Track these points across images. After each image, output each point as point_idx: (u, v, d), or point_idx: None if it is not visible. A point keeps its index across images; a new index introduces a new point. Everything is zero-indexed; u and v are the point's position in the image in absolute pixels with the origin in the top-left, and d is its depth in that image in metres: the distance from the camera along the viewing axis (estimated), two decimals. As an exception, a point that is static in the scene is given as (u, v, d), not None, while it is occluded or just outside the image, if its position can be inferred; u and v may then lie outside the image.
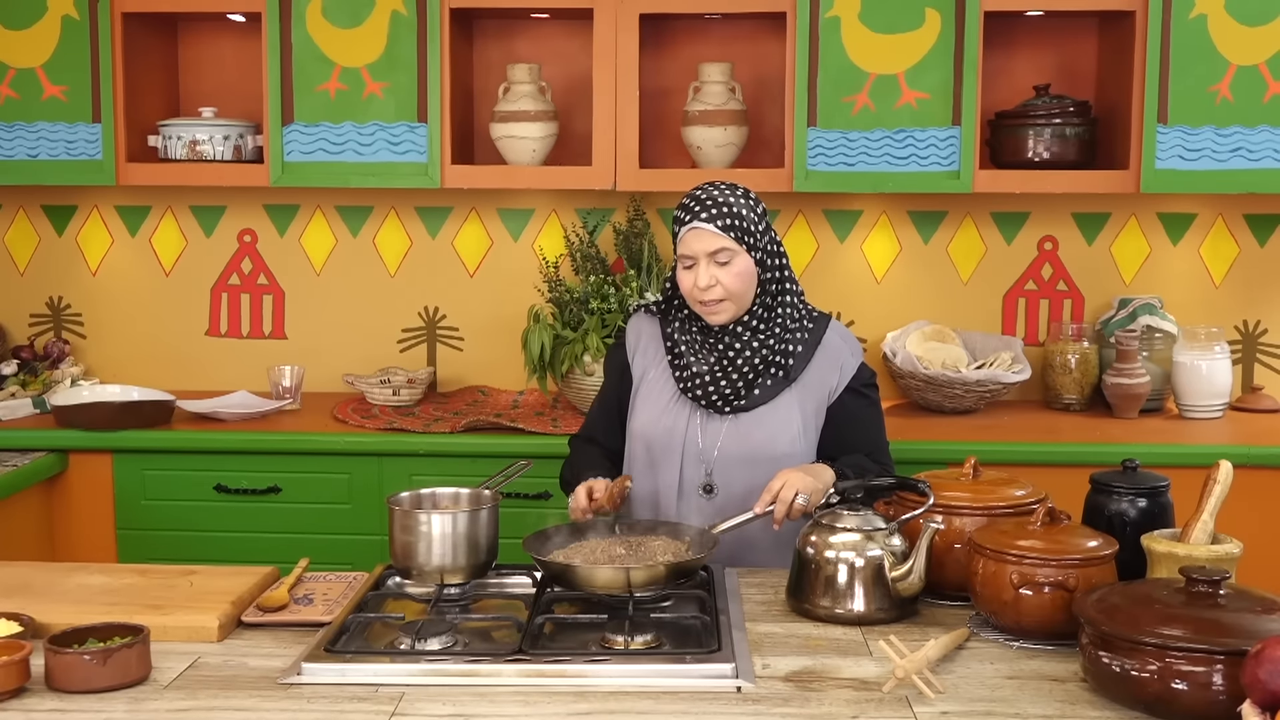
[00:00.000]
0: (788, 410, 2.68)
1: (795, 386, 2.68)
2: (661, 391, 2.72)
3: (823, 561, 2.24)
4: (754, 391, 2.66)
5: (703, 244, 2.59)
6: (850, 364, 2.72)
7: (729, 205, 2.61)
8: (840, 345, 2.73)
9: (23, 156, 3.76)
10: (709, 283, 2.59)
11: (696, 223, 2.60)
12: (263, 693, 1.94)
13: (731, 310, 2.63)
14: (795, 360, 2.68)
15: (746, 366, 2.64)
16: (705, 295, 2.60)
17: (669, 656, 2.03)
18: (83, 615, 2.12)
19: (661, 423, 2.70)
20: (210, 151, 3.77)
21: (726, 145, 3.74)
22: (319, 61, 3.68)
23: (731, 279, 2.60)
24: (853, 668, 2.03)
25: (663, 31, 3.91)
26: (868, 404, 2.75)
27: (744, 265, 2.61)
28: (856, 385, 2.72)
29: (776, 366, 2.67)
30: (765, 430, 2.66)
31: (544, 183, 3.80)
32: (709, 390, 2.65)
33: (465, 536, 2.26)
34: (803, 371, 2.69)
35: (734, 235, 2.59)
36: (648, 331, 2.79)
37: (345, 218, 4.08)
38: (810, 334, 2.70)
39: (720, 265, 2.59)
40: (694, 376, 2.66)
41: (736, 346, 2.65)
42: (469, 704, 1.90)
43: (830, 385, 2.70)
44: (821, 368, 2.69)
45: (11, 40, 3.72)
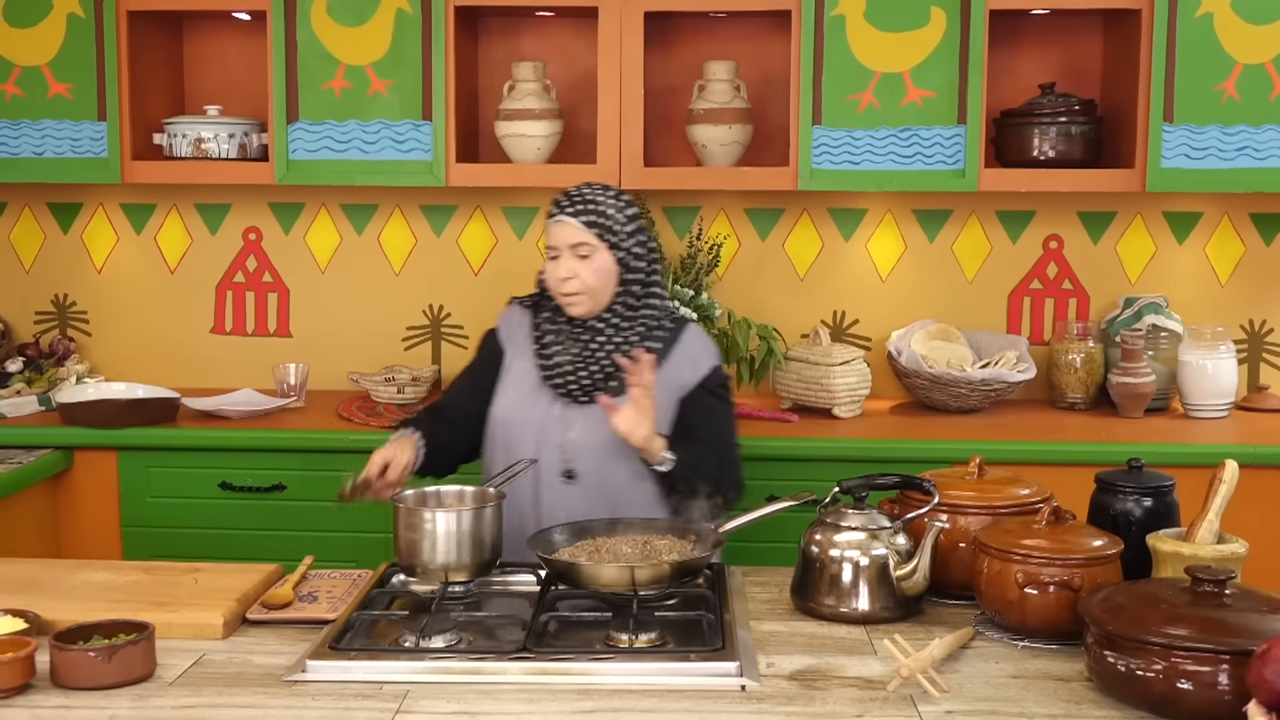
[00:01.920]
0: None
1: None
2: (524, 380, 2.77)
3: (827, 560, 2.24)
4: (611, 384, 2.70)
5: (565, 237, 2.69)
6: (705, 365, 2.77)
7: (595, 204, 2.70)
8: (697, 347, 2.80)
9: (28, 154, 3.76)
10: (567, 274, 2.67)
11: (562, 216, 2.70)
12: (267, 690, 1.94)
13: (588, 304, 2.70)
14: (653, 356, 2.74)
15: (607, 360, 2.70)
16: (563, 287, 2.69)
17: (673, 655, 2.03)
18: (88, 612, 2.13)
19: (521, 409, 2.74)
20: (215, 149, 3.77)
21: (731, 144, 3.74)
22: (324, 59, 3.68)
23: (590, 273, 2.67)
24: (857, 667, 2.03)
25: (667, 29, 3.90)
26: (718, 402, 2.78)
27: (604, 262, 2.68)
28: (709, 385, 2.77)
29: None
30: None
31: (548, 181, 3.80)
32: (568, 380, 2.70)
33: (470, 534, 2.26)
34: (660, 368, 2.72)
35: (596, 232, 2.68)
36: (517, 321, 2.85)
37: (350, 216, 4.08)
38: (670, 334, 2.77)
39: (581, 259, 2.67)
40: (555, 366, 2.72)
41: (599, 340, 2.71)
42: (473, 702, 1.90)
43: (684, 381, 2.74)
44: (677, 365, 2.74)
45: (17, 38, 3.72)
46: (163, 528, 3.54)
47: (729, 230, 4.01)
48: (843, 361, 3.71)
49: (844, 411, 3.70)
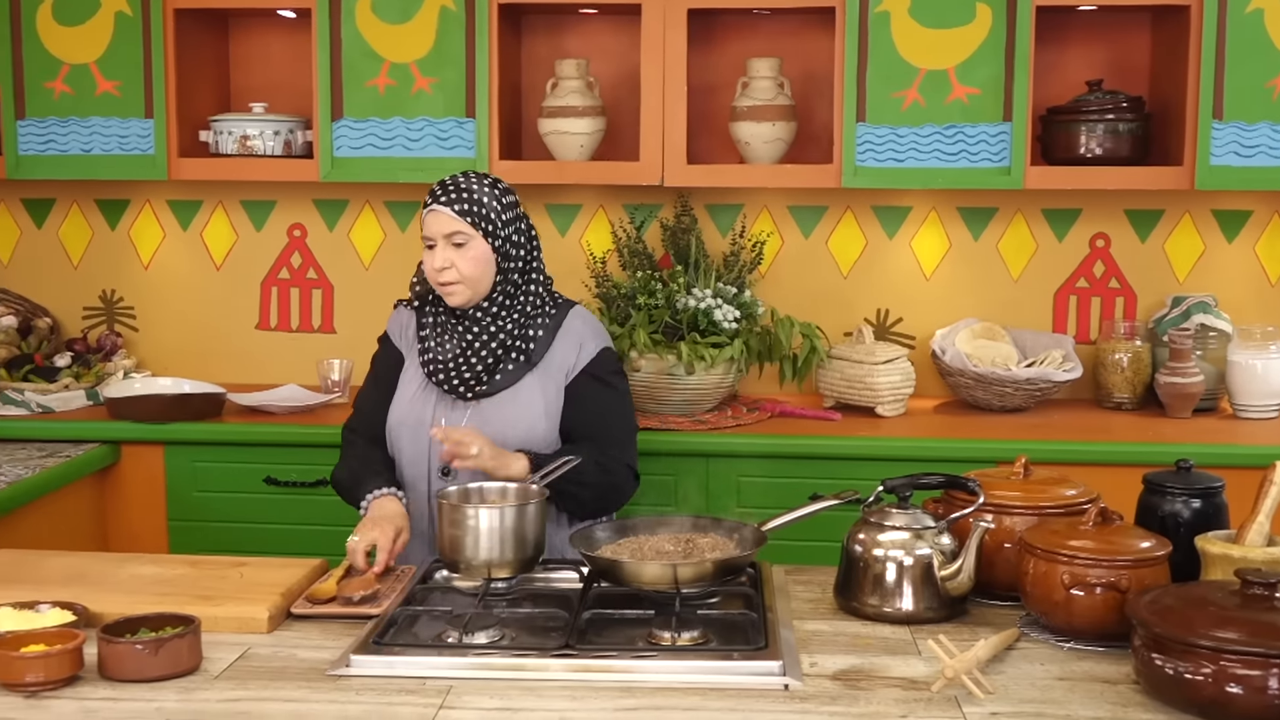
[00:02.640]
0: (529, 393, 2.74)
1: (537, 370, 2.75)
2: (412, 380, 2.79)
3: (871, 560, 2.23)
4: (495, 376, 2.72)
5: (440, 226, 2.68)
6: (590, 347, 2.78)
7: (470, 192, 2.70)
8: (581, 328, 2.80)
9: (76, 151, 3.80)
10: (443, 264, 2.67)
11: (436, 206, 2.69)
12: (312, 684, 1.95)
13: (466, 294, 2.69)
14: (536, 344, 2.76)
15: (485, 351, 2.71)
16: (440, 276, 2.68)
17: (716, 653, 2.03)
18: (135, 605, 2.14)
19: (411, 412, 2.76)
20: (261, 147, 3.79)
21: (774, 141, 3.73)
22: (368, 57, 3.69)
23: (466, 263, 2.67)
24: (901, 667, 2.02)
25: (711, 27, 3.90)
26: (603, 388, 2.77)
27: (480, 251, 2.68)
28: (596, 370, 2.77)
29: (517, 350, 2.74)
30: (506, 414, 2.72)
31: (591, 178, 3.80)
32: (450, 376, 2.71)
33: (513, 531, 2.27)
34: (544, 355, 2.75)
35: (470, 220, 2.67)
36: (404, 323, 2.87)
37: (394, 212, 4.10)
38: (552, 319, 2.77)
39: (456, 248, 2.67)
40: (435, 362, 2.73)
41: (475, 331, 2.72)
42: (516, 698, 1.90)
43: (568, 365, 2.76)
44: (561, 350, 2.76)
45: (66, 36, 3.76)
46: (208, 522, 3.57)
47: (772, 228, 4.00)
48: (886, 360, 3.69)
49: (887, 410, 3.69)
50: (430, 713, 1.84)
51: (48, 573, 2.37)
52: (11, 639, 1.95)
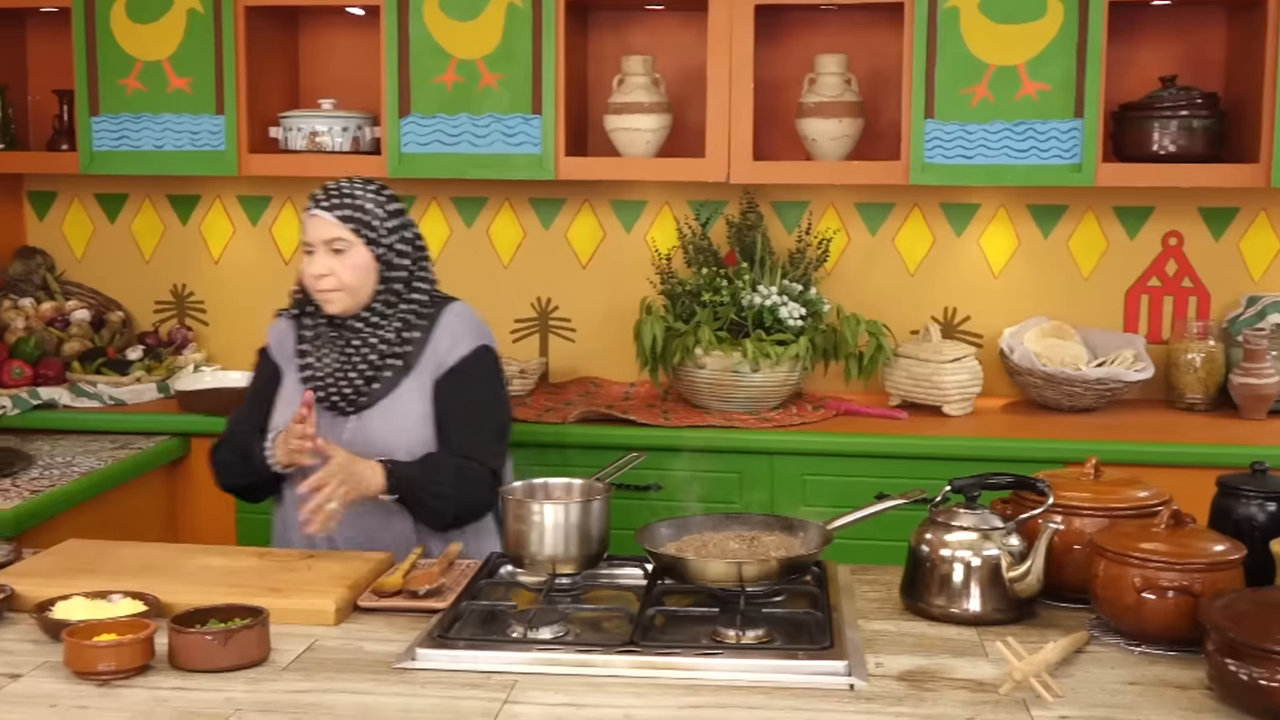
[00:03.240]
0: (409, 400, 2.67)
1: (414, 374, 2.68)
2: (292, 398, 2.71)
3: (938, 560, 2.21)
4: (374, 385, 2.66)
5: (319, 232, 2.62)
6: (464, 346, 2.70)
7: (352, 198, 2.63)
8: (456, 325, 2.72)
9: (149, 147, 3.85)
10: (322, 270, 2.61)
11: (317, 210, 2.63)
12: (378, 677, 1.96)
13: (345, 301, 2.63)
14: (413, 346, 2.68)
15: (364, 363, 2.65)
16: (318, 284, 2.62)
17: (781, 652, 2.02)
18: (205, 596, 2.17)
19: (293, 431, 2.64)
20: (329, 143, 3.82)
21: (841, 137, 3.71)
22: (436, 54, 3.71)
23: (346, 270, 2.61)
24: (968, 668, 2.00)
25: (778, 23, 3.88)
26: (470, 387, 2.69)
27: (361, 258, 2.62)
28: (466, 368, 2.68)
29: (395, 356, 2.68)
30: (388, 423, 2.66)
31: (657, 174, 3.80)
32: (330, 391, 2.65)
33: (577, 527, 2.27)
34: (419, 357, 2.68)
35: (351, 226, 2.61)
36: (282, 335, 2.79)
37: (460, 208, 4.12)
38: (430, 319, 2.70)
39: (336, 254, 2.61)
40: (315, 377, 2.67)
41: (355, 343, 2.66)
42: (580, 694, 1.90)
43: (439, 364, 2.69)
44: (434, 348, 2.69)
45: (139, 33, 3.81)
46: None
47: (838, 225, 3.97)
48: (954, 359, 3.66)
49: (954, 409, 3.66)
50: (495, 707, 1.85)
51: (119, 563, 2.40)
52: (84, 628, 1.98)
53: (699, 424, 3.53)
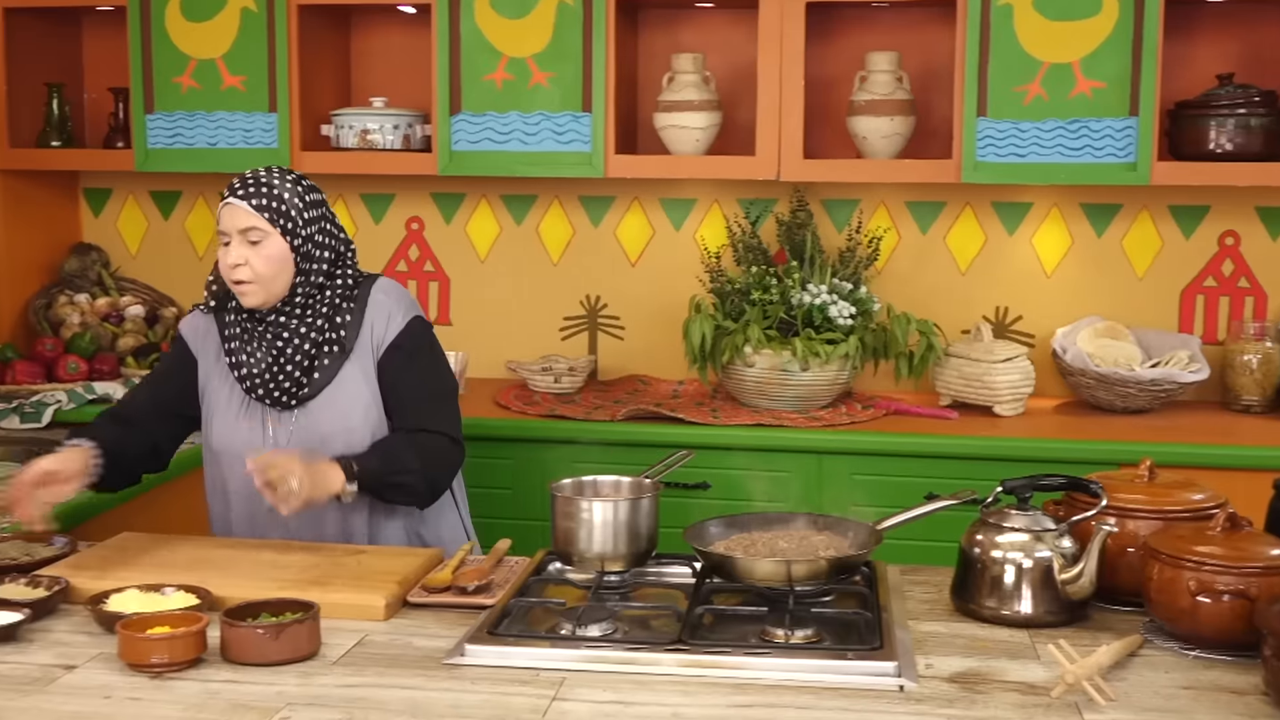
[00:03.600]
0: (352, 384, 2.62)
1: (353, 357, 2.62)
2: (229, 400, 2.64)
3: (989, 561, 2.19)
4: (314, 375, 2.59)
5: (234, 221, 2.53)
6: (398, 319, 2.64)
7: (269, 187, 2.55)
8: (384, 301, 2.65)
9: (203, 145, 3.88)
10: (237, 261, 2.52)
11: (232, 199, 2.54)
12: (427, 672, 1.97)
13: (260, 294, 2.54)
14: (347, 330, 2.62)
15: (298, 354, 2.58)
16: (233, 274, 2.53)
17: (830, 652, 2.01)
18: (256, 591, 2.18)
19: (236, 435, 2.62)
20: (380, 140, 3.84)
21: (892, 135, 3.69)
22: (486, 52, 3.72)
23: (260, 261, 2.52)
24: (1019, 671, 1.98)
25: (829, 20, 3.86)
26: (412, 360, 2.64)
27: (276, 249, 2.53)
28: (404, 341, 2.63)
29: (329, 343, 2.61)
30: (335, 411, 2.60)
31: (707, 172, 3.79)
32: (269, 386, 2.58)
33: (626, 524, 2.27)
34: (355, 340, 2.62)
35: (267, 216, 2.52)
36: (203, 331, 2.69)
37: (509, 206, 4.13)
38: (356, 300, 2.63)
39: (251, 245, 2.52)
40: (250, 376, 2.59)
41: (285, 335, 2.58)
42: (629, 692, 1.90)
43: (376, 342, 2.63)
44: (370, 328, 2.63)
45: (193, 32, 3.84)
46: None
47: (889, 223, 3.95)
48: (1005, 358, 3.63)
49: (1006, 410, 3.63)
50: (544, 704, 1.85)
51: (172, 557, 2.42)
52: (138, 620, 2.00)
53: (748, 422, 3.52)
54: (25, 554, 2.44)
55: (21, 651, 2.04)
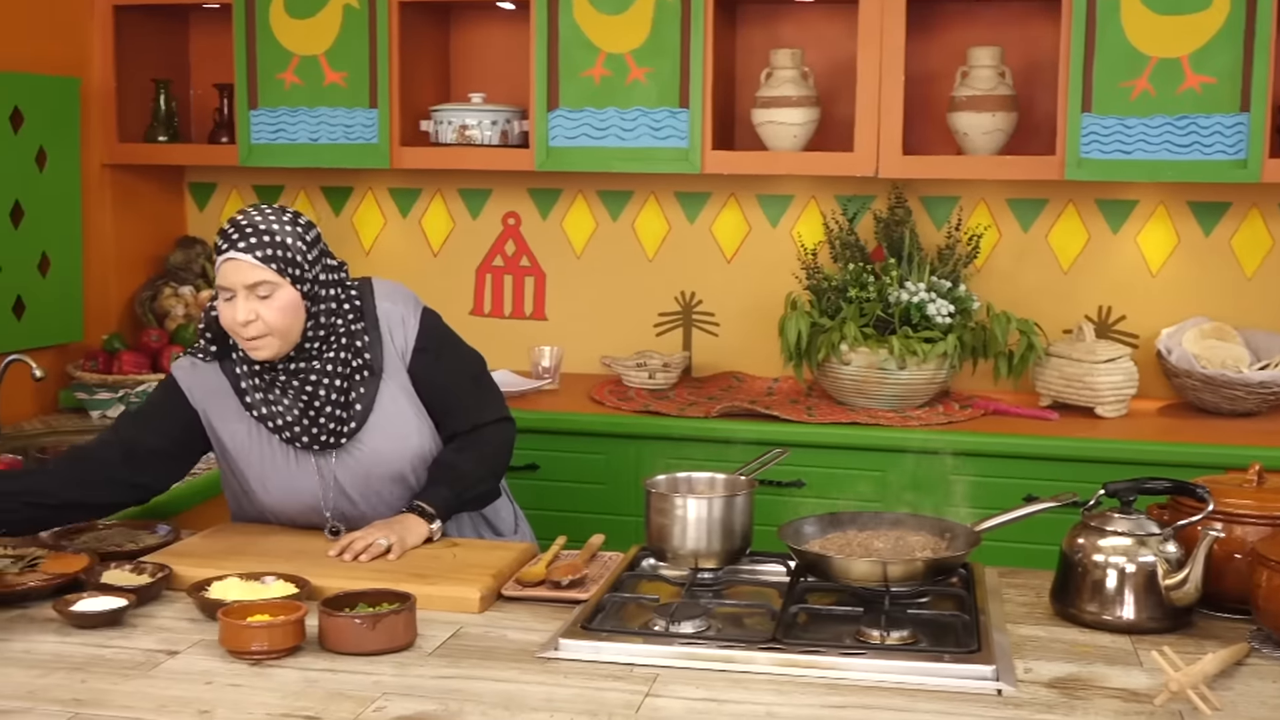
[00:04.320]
0: (394, 403, 2.54)
1: (385, 376, 2.54)
2: (271, 453, 2.51)
3: (1090, 565, 2.15)
4: (355, 408, 2.49)
5: (241, 276, 2.36)
6: (411, 322, 2.57)
7: (271, 234, 2.38)
8: (391, 308, 2.56)
9: (305, 140, 3.93)
10: (249, 317, 2.36)
11: (234, 253, 2.36)
12: (521, 665, 1.97)
13: (275, 345, 2.41)
14: (370, 352, 2.52)
15: (331, 392, 2.47)
16: (245, 331, 2.38)
17: (926, 654, 1.98)
18: (354, 581, 2.21)
19: (295, 487, 2.52)
20: (479, 136, 3.86)
21: (994, 132, 3.63)
22: (584, 48, 3.73)
23: (274, 314, 2.37)
24: (1121, 677, 1.94)
25: (930, 15, 3.81)
26: (438, 358, 2.58)
27: (288, 299, 2.38)
28: (425, 342, 2.57)
29: (358, 370, 2.51)
30: (385, 434, 2.53)
31: (804, 169, 3.77)
32: (313, 432, 2.47)
33: (720, 522, 2.26)
34: (382, 358, 2.53)
35: (276, 267, 2.36)
36: (207, 383, 2.52)
37: (606, 202, 4.13)
38: (365, 317, 2.52)
39: (261, 299, 2.37)
40: (286, 427, 2.48)
41: (312, 379, 2.46)
42: (722, 690, 1.89)
43: (401, 352, 2.55)
44: (390, 342, 2.54)
45: (296, 28, 3.90)
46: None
47: (989, 221, 3.90)
48: (1108, 359, 3.57)
49: (1108, 411, 3.56)
50: (637, 699, 1.85)
51: (272, 546, 2.46)
52: (239, 608, 2.03)
53: (843, 421, 3.49)
54: (130, 541, 2.49)
55: (126, 636, 2.08)
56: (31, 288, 3.68)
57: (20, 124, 3.61)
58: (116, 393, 3.74)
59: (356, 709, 1.81)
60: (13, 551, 2.35)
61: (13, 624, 2.13)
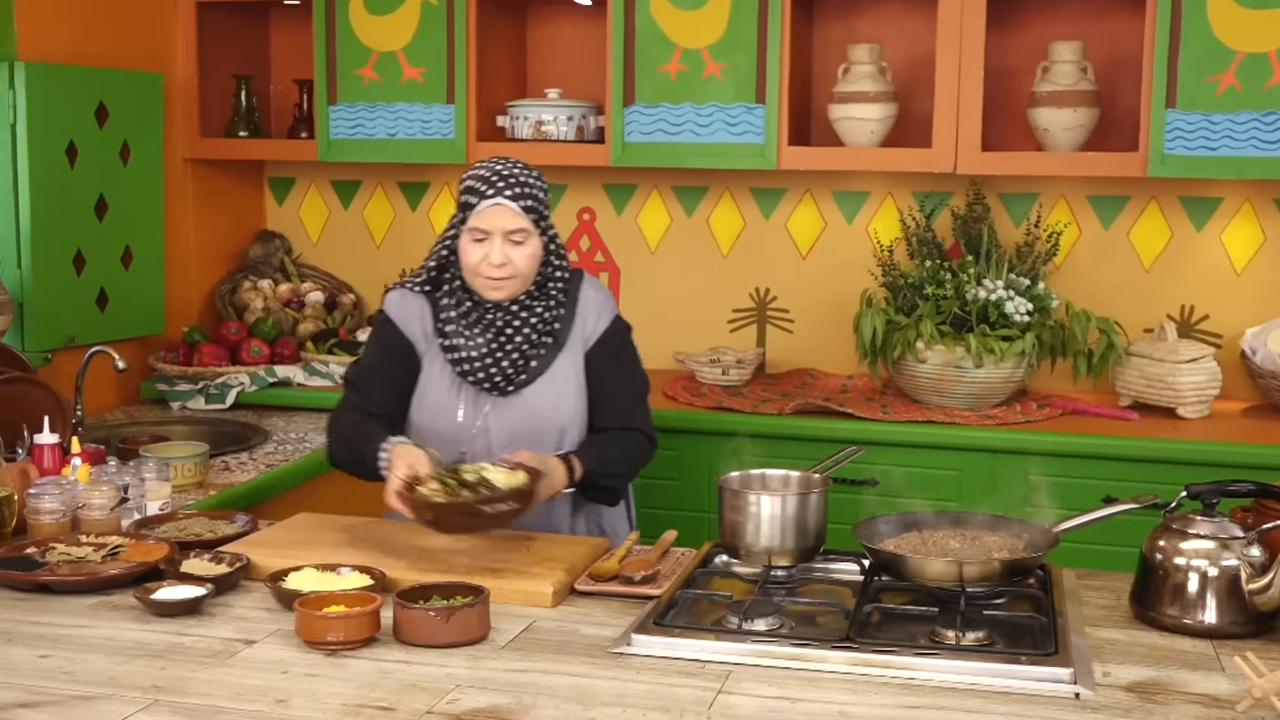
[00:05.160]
0: (564, 377, 2.67)
1: (565, 350, 2.68)
2: (439, 382, 2.67)
3: (1171, 568, 2.12)
4: (531, 364, 2.64)
5: (502, 221, 2.55)
6: (606, 317, 2.71)
7: (527, 186, 2.57)
8: (594, 297, 2.72)
9: (383, 136, 3.97)
10: (503, 259, 2.54)
11: (500, 199, 2.55)
12: (594, 660, 1.97)
13: (512, 288, 2.59)
14: (561, 323, 2.68)
15: (525, 342, 2.62)
16: (497, 272, 2.55)
17: (1002, 656, 1.96)
18: (428, 574, 2.23)
19: (446, 416, 2.64)
20: (554, 131, 3.87)
21: (1075, 128, 3.58)
22: (660, 43, 3.72)
23: (524, 260, 2.56)
24: (1202, 683, 1.91)
25: (1011, 9, 3.77)
26: (615, 357, 2.71)
27: (535, 247, 2.58)
28: (610, 339, 2.70)
29: (548, 334, 2.66)
30: (546, 400, 2.65)
31: (881, 165, 3.74)
32: (490, 371, 2.62)
33: (794, 519, 2.25)
34: (569, 333, 2.68)
35: (533, 218, 2.56)
36: (414, 312, 2.69)
37: (680, 198, 4.13)
38: (567, 294, 2.68)
39: (514, 244, 2.55)
40: (469, 360, 2.62)
41: (515, 324, 2.62)
42: (795, 688, 1.88)
43: (587, 335, 2.69)
44: (581, 323, 2.69)
45: (375, 25, 3.93)
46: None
47: (1069, 218, 3.85)
48: (1190, 359, 3.51)
49: (1190, 412, 3.50)
50: (709, 696, 1.84)
51: (347, 537, 2.48)
52: (315, 599, 2.05)
53: (918, 419, 3.46)
54: (209, 531, 2.53)
55: (204, 625, 2.11)
56: (115, 281, 3.75)
57: (105, 119, 3.67)
58: (196, 384, 3.79)
59: (430, 700, 1.82)
60: (95, 540, 2.39)
61: (95, 611, 2.16)
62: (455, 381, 2.66)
